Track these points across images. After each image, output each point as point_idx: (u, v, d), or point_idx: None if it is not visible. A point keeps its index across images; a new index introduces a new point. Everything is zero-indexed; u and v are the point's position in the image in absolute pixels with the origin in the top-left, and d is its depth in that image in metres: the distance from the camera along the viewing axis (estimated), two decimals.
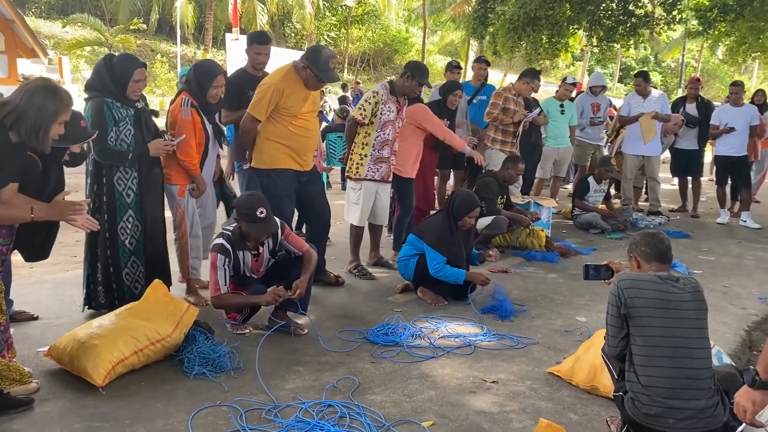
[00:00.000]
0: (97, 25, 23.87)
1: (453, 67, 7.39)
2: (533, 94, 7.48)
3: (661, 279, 2.71)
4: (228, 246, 3.83)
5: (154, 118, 4.23)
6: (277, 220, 3.97)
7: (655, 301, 2.64)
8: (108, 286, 4.08)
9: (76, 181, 7.38)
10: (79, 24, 24.85)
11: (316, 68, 4.28)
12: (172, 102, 4.38)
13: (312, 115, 4.66)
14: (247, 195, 3.97)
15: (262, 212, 3.72)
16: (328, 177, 8.97)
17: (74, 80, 20.62)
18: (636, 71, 9.09)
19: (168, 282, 4.16)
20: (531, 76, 7.15)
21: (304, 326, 3.99)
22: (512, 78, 33.39)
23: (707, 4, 14.25)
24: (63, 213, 2.92)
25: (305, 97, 4.46)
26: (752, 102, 9.12)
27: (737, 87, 8.50)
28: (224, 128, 4.68)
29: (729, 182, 8.61)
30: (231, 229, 3.93)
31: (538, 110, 7.28)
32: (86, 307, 4.13)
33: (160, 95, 23.96)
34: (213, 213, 4.74)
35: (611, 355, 2.78)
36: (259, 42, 5.01)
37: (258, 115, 4.37)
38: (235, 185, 5.39)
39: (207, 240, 4.60)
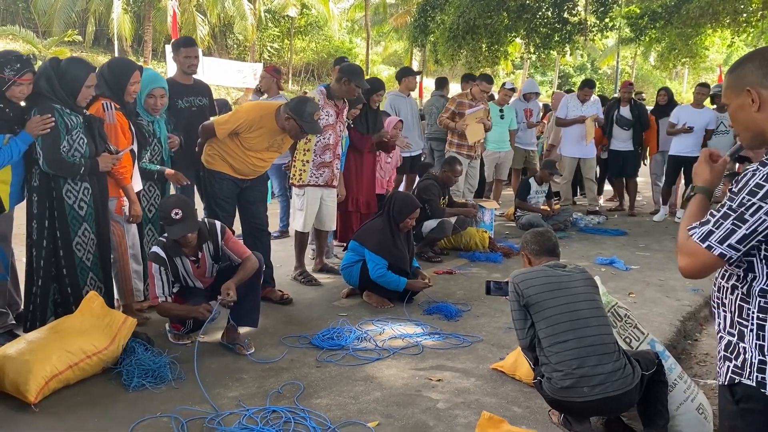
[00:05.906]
0: (30, 38, 23.03)
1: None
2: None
3: (550, 267, 3.01)
4: (162, 254, 3.71)
5: None
6: (217, 223, 3.89)
7: (546, 285, 2.89)
8: (67, 306, 3.79)
9: None
10: (11, 37, 23.93)
11: (301, 120, 4.37)
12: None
13: (271, 156, 4.72)
14: (166, 198, 3.86)
15: (177, 213, 3.58)
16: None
17: None
18: (582, 80, 9.26)
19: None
20: (482, 79, 7.55)
21: (251, 345, 3.83)
22: (455, 86, 33.82)
23: (638, 12, 14.83)
24: None
25: (271, 144, 4.56)
26: (657, 102, 9.29)
27: (704, 88, 8.49)
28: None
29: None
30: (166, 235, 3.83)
31: (479, 107, 7.36)
32: (24, 327, 3.80)
33: None
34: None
35: (525, 347, 2.97)
36: (185, 45, 5.03)
37: (218, 132, 4.47)
38: None
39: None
